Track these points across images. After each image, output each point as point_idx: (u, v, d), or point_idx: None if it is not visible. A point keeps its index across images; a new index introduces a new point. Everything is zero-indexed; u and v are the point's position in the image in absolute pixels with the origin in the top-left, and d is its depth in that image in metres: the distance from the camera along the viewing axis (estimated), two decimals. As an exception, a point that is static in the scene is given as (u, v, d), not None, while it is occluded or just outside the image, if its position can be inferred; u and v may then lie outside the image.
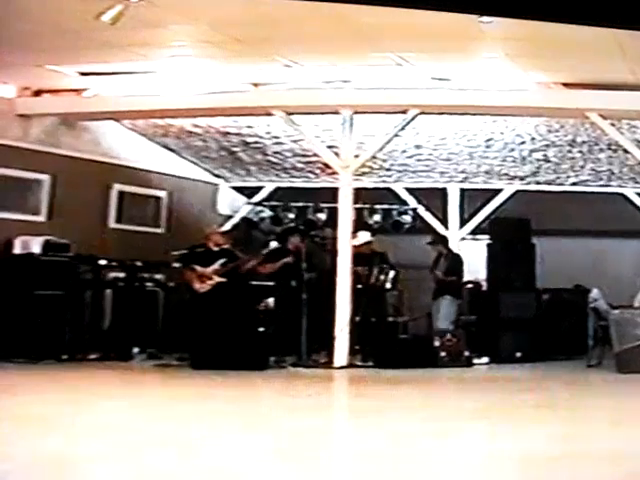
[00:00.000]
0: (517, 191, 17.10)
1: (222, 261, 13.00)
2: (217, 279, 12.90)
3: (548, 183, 16.96)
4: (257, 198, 17.84)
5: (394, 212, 16.76)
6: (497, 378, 12.57)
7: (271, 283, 14.04)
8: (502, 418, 8.30)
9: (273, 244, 14.93)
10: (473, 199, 17.22)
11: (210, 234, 13.64)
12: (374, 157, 14.57)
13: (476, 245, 16.63)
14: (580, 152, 15.19)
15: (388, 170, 16.67)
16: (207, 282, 12.88)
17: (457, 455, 6.33)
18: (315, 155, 14.81)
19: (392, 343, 13.65)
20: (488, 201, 17.15)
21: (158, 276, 14.60)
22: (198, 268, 12.89)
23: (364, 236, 14.71)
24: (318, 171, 16.73)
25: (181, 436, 6.84)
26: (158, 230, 16.31)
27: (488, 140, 14.90)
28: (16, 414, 7.74)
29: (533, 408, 9.15)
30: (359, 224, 14.73)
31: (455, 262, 14.78)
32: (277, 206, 17.03)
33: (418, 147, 15.42)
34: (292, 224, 16.19)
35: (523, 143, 14.96)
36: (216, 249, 13.17)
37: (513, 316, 13.93)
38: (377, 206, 16.57)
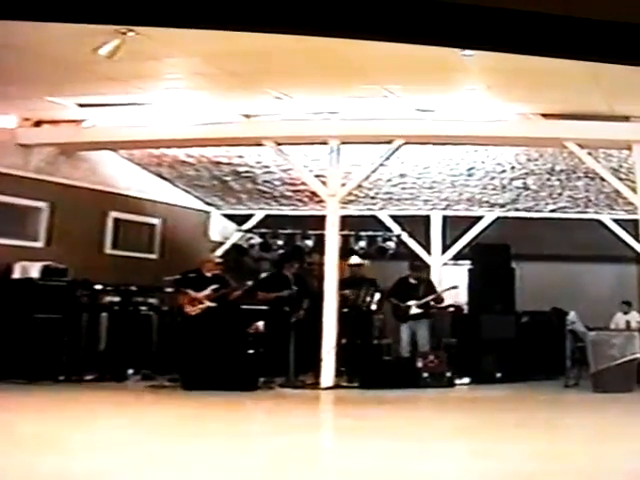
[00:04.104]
0: (497, 218, 17.36)
1: (214, 287, 13.32)
2: (208, 303, 13.21)
3: (527, 210, 17.21)
4: (247, 225, 18.07)
5: (379, 239, 16.84)
6: (478, 398, 12.72)
7: (261, 307, 14.17)
8: (483, 437, 8.33)
9: (264, 273, 14.93)
10: (455, 226, 17.42)
11: (205, 261, 13.99)
12: (360, 186, 14.81)
13: (458, 270, 16.85)
14: (558, 180, 15.48)
15: (373, 198, 16.93)
16: (198, 306, 13.19)
17: (439, 473, 6.39)
18: (303, 184, 15.00)
19: (377, 364, 13.81)
20: (469, 228, 17.38)
21: (152, 300, 14.77)
22: (191, 292, 13.23)
23: (355, 259, 15.17)
24: (306, 199, 17.00)
25: (172, 455, 6.90)
26: (152, 256, 16.59)
27: (470, 169, 15.18)
28: (14, 432, 7.90)
29: (513, 427, 9.23)
30: (345, 250, 14.96)
31: (431, 288, 14.92)
32: (266, 233, 17.17)
33: (402, 176, 15.68)
34: (282, 250, 16.38)
35: (503, 172, 15.23)
36: (209, 275, 13.48)
37: (493, 338, 14.14)
38: (362, 233, 16.66)
